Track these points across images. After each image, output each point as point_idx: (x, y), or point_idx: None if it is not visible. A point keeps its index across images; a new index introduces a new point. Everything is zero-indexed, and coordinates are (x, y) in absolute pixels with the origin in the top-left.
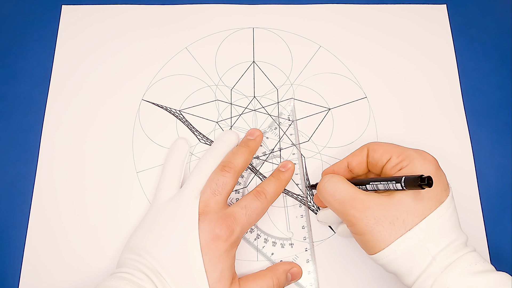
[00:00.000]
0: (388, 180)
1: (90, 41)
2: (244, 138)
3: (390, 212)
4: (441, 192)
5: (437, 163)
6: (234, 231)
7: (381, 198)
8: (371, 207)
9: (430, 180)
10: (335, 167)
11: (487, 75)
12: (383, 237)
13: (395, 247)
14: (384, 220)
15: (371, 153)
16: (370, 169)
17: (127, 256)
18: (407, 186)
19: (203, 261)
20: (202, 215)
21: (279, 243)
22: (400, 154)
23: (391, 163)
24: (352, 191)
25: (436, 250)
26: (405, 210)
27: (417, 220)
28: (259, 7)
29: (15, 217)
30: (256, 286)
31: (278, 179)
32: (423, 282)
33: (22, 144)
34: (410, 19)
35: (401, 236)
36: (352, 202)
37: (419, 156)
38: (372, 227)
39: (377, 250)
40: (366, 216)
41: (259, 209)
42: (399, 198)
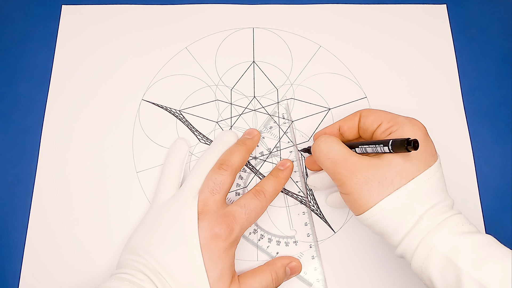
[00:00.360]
0: (376, 143)
1: (90, 41)
2: (242, 137)
3: (379, 172)
4: (429, 157)
5: (426, 130)
6: (234, 230)
7: (372, 160)
8: (362, 168)
9: (416, 143)
10: (327, 129)
11: (487, 75)
12: (371, 195)
13: (383, 206)
14: (373, 180)
15: (363, 119)
16: (361, 134)
17: (127, 257)
18: (394, 149)
19: (203, 260)
20: (201, 214)
21: (283, 241)
22: (390, 120)
23: (381, 129)
24: (345, 152)
25: (422, 210)
26: (394, 170)
27: (405, 180)
28: (259, 7)
29: (15, 217)
30: (255, 282)
31: (277, 178)
32: (409, 242)
33: (22, 144)
34: (410, 19)
35: (389, 195)
36: (344, 162)
37: (408, 122)
38: (361, 185)
39: (365, 209)
40: (355, 175)
41: (259, 208)
42: (388, 160)
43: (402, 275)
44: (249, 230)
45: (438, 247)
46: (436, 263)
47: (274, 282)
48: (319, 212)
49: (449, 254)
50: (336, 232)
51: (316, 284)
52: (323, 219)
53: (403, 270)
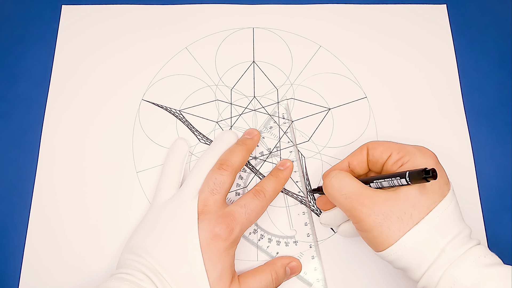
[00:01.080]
0: (392, 176)
1: (90, 41)
2: (242, 136)
3: (397, 207)
4: (443, 185)
5: (437, 158)
6: (234, 230)
7: (388, 194)
8: (379, 203)
9: (434, 172)
10: (336, 167)
11: (487, 75)
12: (392, 232)
13: (405, 242)
14: (392, 215)
15: (371, 152)
16: (370, 168)
17: (127, 257)
18: (412, 180)
19: (203, 260)
20: (201, 214)
21: (283, 241)
22: (400, 150)
23: (391, 160)
24: (359, 186)
25: (444, 242)
26: (412, 204)
27: (424, 213)
28: (259, 7)
29: (15, 217)
30: (255, 282)
31: (276, 178)
32: (432, 274)
33: (22, 144)
34: (410, 19)
35: (410, 230)
36: (359, 197)
37: (418, 151)
38: (380, 222)
39: (386, 246)
40: (374, 212)
41: (259, 207)
42: (405, 193)
43: (402, 276)
44: (249, 230)
45: (461, 280)
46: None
47: (274, 282)
48: (319, 212)
49: (472, 287)
50: (336, 232)
51: (316, 284)
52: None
53: None
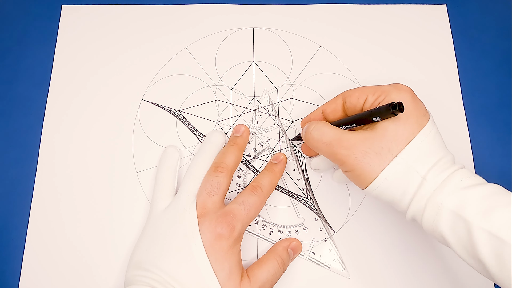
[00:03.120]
0: (363, 115)
1: (90, 41)
2: (231, 136)
3: (375, 144)
4: (421, 117)
5: (413, 92)
6: (235, 227)
7: (365, 133)
8: (357, 143)
9: (400, 105)
10: (311, 115)
11: (487, 75)
12: (372, 168)
13: (386, 175)
14: (371, 152)
15: (348, 99)
16: (349, 115)
17: (134, 273)
18: (382, 115)
19: (210, 262)
20: (201, 217)
21: (293, 230)
22: (375, 91)
23: (368, 102)
24: (337, 132)
25: (424, 170)
26: (389, 139)
27: (402, 145)
28: (259, 7)
29: (15, 217)
30: (264, 272)
31: (272, 172)
32: (417, 203)
33: (22, 144)
34: (410, 19)
35: (389, 163)
36: (339, 142)
37: (393, 88)
38: (360, 160)
39: (369, 181)
40: (353, 152)
41: (257, 203)
42: (381, 129)
43: (402, 275)
44: (259, 227)
45: (445, 204)
46: (445, 219)
47: (281, 267)
48: (319, 212)
49: (457, 209)
50: (336, 232)
51: (333, 265)
52: (323, 219)
53: (403, 269)
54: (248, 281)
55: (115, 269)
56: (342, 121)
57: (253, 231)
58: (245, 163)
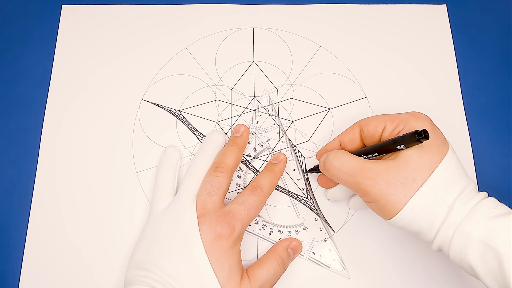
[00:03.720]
0: (387, 143)
1: (90, 41)
2: (231, 136)
3: (399, 173)
4: (441, 145)
5: (431, 120)
6: (235, 227)
7: (388, 163)
8: (381, 173)
9: (426, 133)
10: (328, 146)
11: (487, 75)
12: (398, 198)
13: (412, 205)
14: (396, 182)
15: (365, 128)
16: (367, 144)
17: (134, 273)
18: (406, 144)
19: (210, 262)
20: (201, 217)
21: (293, 230)
22: (394, 120)
23: (387, 131)
24: (359, 161)
25: (451, 199)
26: (413, 168)
27: (427, 175)
28: (259, 7)
29: (15, 217)
30: (264, 272)
31: (271, 172)
32: (444, 233)
33: (22, 144)
34: (410, 19)
35: (415, 193)
36: (361, 171)
37: (412, 116)
38: (385, 191)
39: (395, 212)
40: (377, 182)
41: (257, 203)
42: (404, 158)
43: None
44: (259, 227)
45: (474, 233)
46: (474, 249)
47: (281, 267)
48: (319, 212)
49: (486, 239)
50: (336, 232)
51: (333, 265)
52: (323, 219)
53: (403, 268)
54: (248, 281)
55: (115, 269)
56: (363, 150)
57: (253, 231)
58: (245, 163)
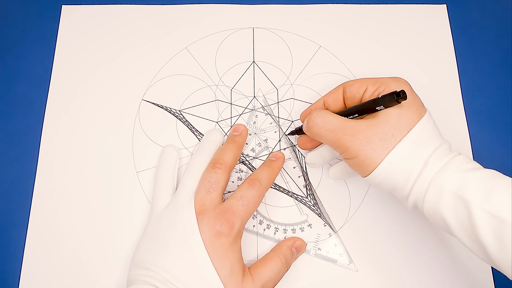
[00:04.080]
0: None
1: (90, 41)
2: (230, 134)
3: (379, 130)
4: (419, 108)
5: (410, 85)
6: (235, 224)
7: (369, 120)
8: (361, 129)
9: (404, 93)
10: (313, 107)
11: (487, 75)
12: (377, 153)
13: (390, 159)
14: (375, 138)
15: (348, 89)
16: (348, 105)
17: (135, 272)
18: (386, 104)
19: (211, 260)
20: (200, 214)
21: (298, 228)
22: (375, 83)
23: (368, 92)
24: (341, 119)
25: (427, 154)
26: (392, 125)
27: (405, 132)
28: (259, 7)
29: (15, 217)
30: (267, 270)
31: (270, 167)
32: (419, 186)
33: (22, 144)
34: (410, 19)
35: (394, 148)
36: (342, 129)
37: (393, 80)
38: (365, 146)
39: (373, 167)
40: (358, 138)
41: (256, 197)
42: (384, 116)
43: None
44: (263, 226)
45: (447, 186)
46: (446, 201)
47: (285, 266)
48: (319, 212)
49: (458, 191)
50: (340, 229)
51: (340, 259)
52: (323, 219)
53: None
54: (251, 278)
55: (115, 269)
56: (345, 111)
57: (257, 231)
58: (245, 163)
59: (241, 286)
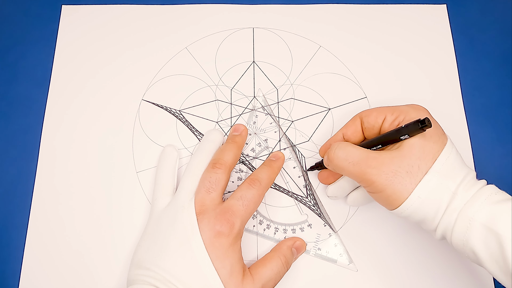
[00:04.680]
0: (391, 134)
1: (90, 41)
2: (230, 134)
3: (404, 162)
4: (442, 136)
5: (429, 112)
6: (235, 224)
7: (392, 152)
8: (386, 162)
9: (428, 121)
10: (331, 140)
11: (487, 75)
12: (404, 187)
13: (419, 193)
14: (401, 171)
15: (365, 119)
16: (367, 136)
17: (135, 272)
18: (410, 133)
19: (211, 260)
20: (200, 214)
21: (297, 228)
22: (394, 111)
23: (387, 122)
24: (363, 151)
25: (454, 185)
26: (417, 156)
27: (430, 163)
28: (259, 7)
29: (15, 217)
30: (267, 270)
31: (270, 167)
32: (448, 218)
33: (22, 144)
34: (410, 19)
35: (421, 181)
36: (366, 161)
37: (411, 108)
38: (391, 180)
39: (401, 201)
40: (383, 171)
41: (256, 197)
42: (408, 147)
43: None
44: (263, 226)
45: (476, 218)
46: (477, 234)
47: (285, 266)
48: (319, 212)
49: (488, 223)
50: (340, 229)
51: (340, 259)
52: (323, 219)
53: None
54: (251, 278)
55: (115, 269)
56: (367, 142)
57: (257, 231)
58: (245, 163)
59: (241, 286)
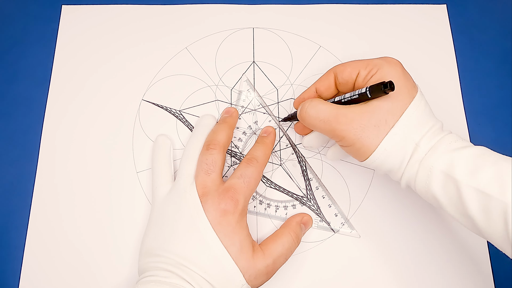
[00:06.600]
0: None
1: (90, 41)
2: (221, 116)
3: (372, 117)
4: (411, 89)
5: (402, 65)
6: (239, 201)
7: (361, 107)
8: (355, 118)
9: (392, 85)
10: (305, 95)
11: (487, 75)
12: (372, 140)
13: (385, 145)
14: (369, 125)
15: (339, 75)
16: (341, 90)
17: (146, 261)
18: (373, 95)
19: (220, 239)
20: (203, 196)
21: (297, 203)
22: (367, 65)
23: (361, 76)
24: (334, 108)
25: (418, 137)
26: (385, 111)
27: (397, 116)
28: (259, 7)
29: (15, 217)
30: (278, 246)
31: (263, 144)
32: (410, 169)
33: (22, 144)
34: (410, 19)
35: (387, 134)
36: (336, 118)
37: (384, 62)
38: (360, 134)
39: (369, 153)
40: (352, 127)
41: (255, 174)
42: (377, 103)
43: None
44: (264, 206)
45: (436, 166)
46: (437, 181)
47: (295, 241)
48: (319, 212)
49: (446, 170)
50: (336, 233)
51: (342, 228)
52: (323, 219)
53: (402, 270)
54: (261, 254)
55: (115, 269)
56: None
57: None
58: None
59: (252, 261)
